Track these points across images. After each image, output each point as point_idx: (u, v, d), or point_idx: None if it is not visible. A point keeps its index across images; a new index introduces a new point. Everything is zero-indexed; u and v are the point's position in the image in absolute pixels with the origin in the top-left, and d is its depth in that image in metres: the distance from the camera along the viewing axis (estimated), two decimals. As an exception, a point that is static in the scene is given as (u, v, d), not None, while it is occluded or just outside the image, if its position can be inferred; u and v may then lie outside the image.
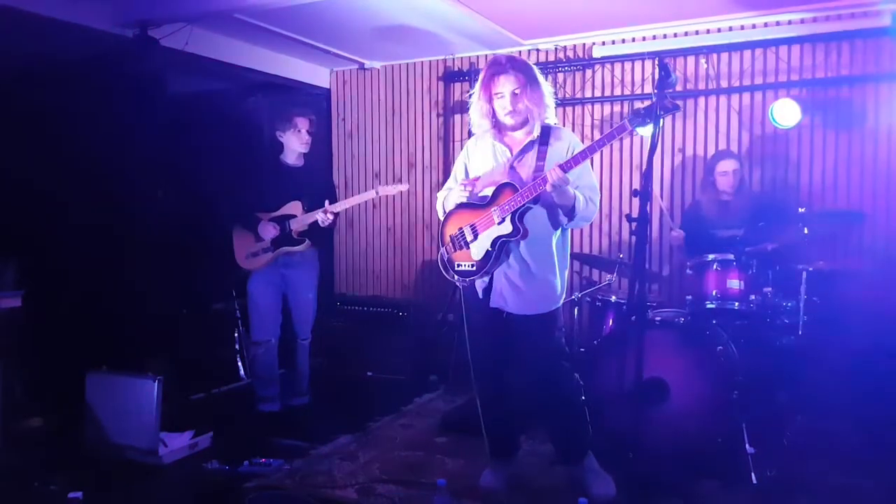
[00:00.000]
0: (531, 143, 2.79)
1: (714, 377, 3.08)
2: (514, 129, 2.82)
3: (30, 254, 3.50)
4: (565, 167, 2.57)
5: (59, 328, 3.60)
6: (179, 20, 4.10)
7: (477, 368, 2.91)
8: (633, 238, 2.15)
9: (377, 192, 3.86)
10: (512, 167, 2.80)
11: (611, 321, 3.75)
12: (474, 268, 2.80)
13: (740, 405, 3.09)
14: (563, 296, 2.88)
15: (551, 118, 2.86)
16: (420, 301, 5.18)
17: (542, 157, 2.75)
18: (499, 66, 2.75)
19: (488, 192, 2.80)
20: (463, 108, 5.24)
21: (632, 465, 2.73)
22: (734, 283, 3.39)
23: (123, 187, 4.00)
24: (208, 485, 3.00)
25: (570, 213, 2.71)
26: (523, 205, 2.67)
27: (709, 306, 3.42)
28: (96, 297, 3.81)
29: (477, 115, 2.85)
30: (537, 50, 4.91)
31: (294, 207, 3.88)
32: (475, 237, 2.80)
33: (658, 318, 3.32)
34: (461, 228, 2.84)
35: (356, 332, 4.95)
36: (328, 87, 5.77)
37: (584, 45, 4.82)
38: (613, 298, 3.79)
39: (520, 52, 4.99)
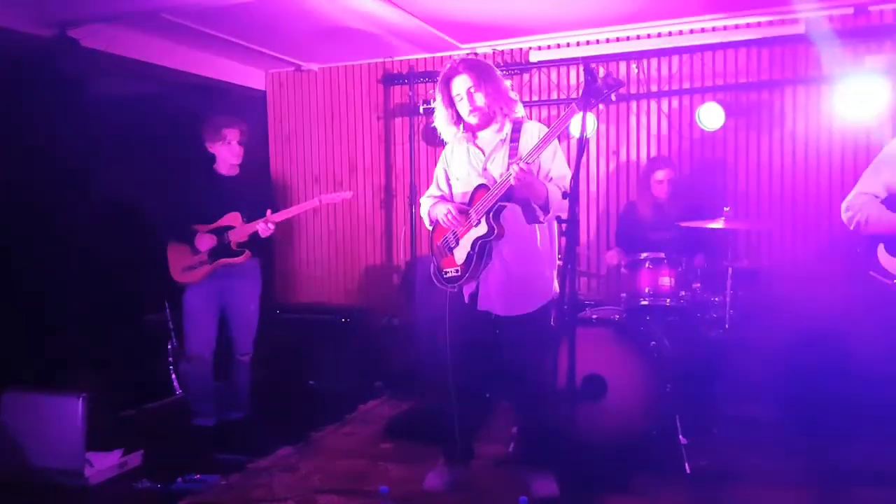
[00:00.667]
0: (501, 141, 2.83)
1: (648, 371, 3.16)
2: (481, 127, 2.84)
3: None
4: (523, 161, 2.57)
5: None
6: (101, 20, 3.93)
7: (457, 373, 2.86)
8: (563, 239, 2.19)
9: (319, 201, 3.80)
10: (485, 168, 2.83)
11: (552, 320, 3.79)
12: (459, 272, 2.81)
13: (673, 398, 3.19)
14: (554, 292, 2.87)
15: (519, 112, 2.86)
16: (364, 306, 5.13)
17: (513, 153, 2.77)
18: (451, 70, 2.82)
19: (467, 197, 2.83)
20: (403, 111, 5.24)
21: (569, 461, 2.77)
22: (665, 281, 3.50)
23: (45, 194, 3.81)
24: (139, 504, 2.89)
25: (545, 206, 2.70)
26: (495, 203, 2.69)
27: (642, 303, 3.52)
28: (13, 308, 3.63)
29: (443, 122, 2.90)
30: (475, 54, 4.94)
31: (232, 219, 3.79)
32: (457, 242, 2.83)
33: (595, 316, 3.39)
34: (445, 236, 2.88)
35: (297, 341, 4.84)
36: (263, 89, 5.66)
37: (520, 49, 4.88)
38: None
39: (458, 55, 5.02)
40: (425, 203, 3.04)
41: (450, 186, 2.98)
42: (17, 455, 3.13)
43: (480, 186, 2.78)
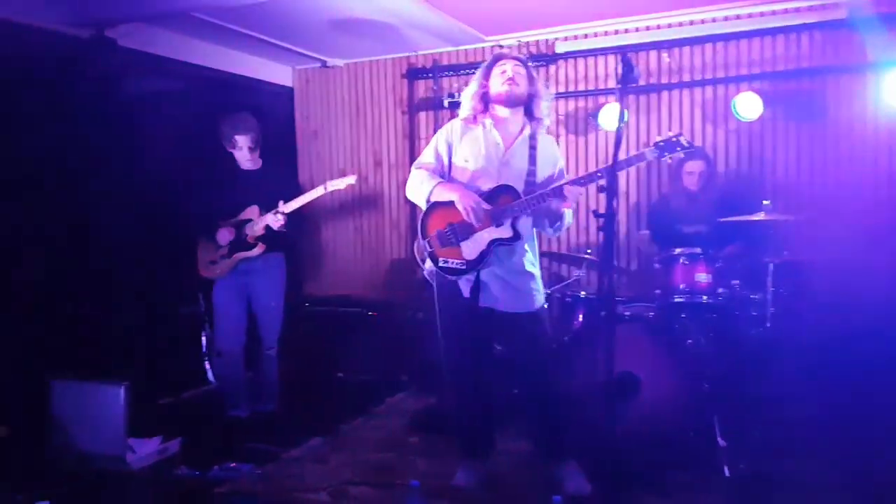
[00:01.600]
0: (523, 140, 2.83)
1: (684, 370, 3.10)
2: (503, 103, 2.82)
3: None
4: (581, 182, 2.66)
5: (23, 335, 3.51)
6: (137, 19, 3.99)
7: (454, 366, 2.88)
8: (601, 234, 2.15)
9: (325, 188, 3.79)
10: (505, 162, 2.82)
11: (580, 317, 3.76)
12: (464, 266, 2.78)
13: (711, 398, 3.12)
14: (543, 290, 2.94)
15: (545, 120, 2.90)
16: (389, 300, 5.13)
17: (532, 161, 2.80)
18: (502, 55, 2.88)
19: (483, 186, 2.79)
20: (428, 105, 5.21)
21: (604, 460, 2.74)
22: (702, 277, 3.42)
23: (85, 191, 3.90)
24: (178, 490, 2.95)
25: (557, 222, 2.81)
26: (526, 210, 2.73)
27: (677, 300, 3.44)
28: (60, 302, 3.72)
29: (469, 95, 2.91)
30: (500, 46, 4.90)
31: (252, 212, 3.82)
32: (468, 236, 2.77)
33: (627, 313, 3.34)
34: (451, 224, 2.79)
35: (325, 334, 4.87)
36: (291, 85, 5.68)
37: (546, 40, 4.82)
38: (583, 294, 3.80)
39: (483, 48, 4.99)
40: (422, 176, 2.86)
41: (450, 162, 2.89)
42: (65, 438, 3.22)
43: (508, 189, 2.74)
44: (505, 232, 2.73)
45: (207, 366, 4.56)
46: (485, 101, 2.88)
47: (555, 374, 2.90)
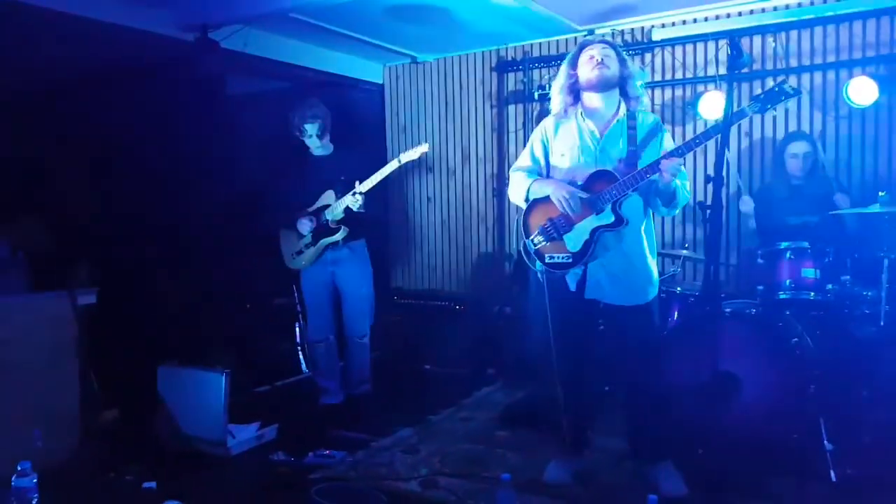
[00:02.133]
0: (619, 122, 2.73)
1: (789, 371, 2.95)
2: (595, 88, 2.73)
3: (102, 253, 3.62)
4: (678, 153, 2.52)
5: (132, 323, 3.72)
6: (238, 22, 4.17)
7: (561, 361, 2.81)
8: (707, 226, 2.07)
9: (399, 161, 3.69)
10: (603, 149, 2.74)
11: (676, 313, 3.63)
12: (570, 259, 2.72)
13: (817, 400, 2.96)
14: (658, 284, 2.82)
15: (642, 97, 2.79)
16: (476, 294, 5.15)
17: (632, 141, 2.69)
18: (588, 42, 2.79)
19: (579, 178, 2.73)
20: (517, 98, 5.18)
21: (702, 461, 2.65)
22: (809, 272, 3.24)
23: (189, 188, 4.09)
24: (275, 475, 3.05)
25: (671, 200, 2.66)
26: (626, 193, 2.61)
27: (782, 296, 3.27)
28: (165, 293, 3.91)
29: (558, 88, 2.83)
30: (592, 34, 4.79)
31: (328, 197, 3.81)
32: (569, 228, 2.73)
33: (728, 310, 3.19)
34: (552, 219, 2.76)
35: (413, 326, 4.96)
36: (381, 82, 5.79)
37: (642, 28, 4.68)
38: (678, 290, 3.67)
39: (576, 38, 4.90)
40: (519, 178, 2.89)
41: (547, 161, 2.86)
42: (171, 423, 3.40)
43: (605, 174, 2.66)
44: (606, 218, 2.65)
45: (301, 355, 4.73)
46: (574, 91, 2.80)
47: (656, 372, 2.79)
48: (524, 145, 5.08)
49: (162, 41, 4.07)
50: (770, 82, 4.31)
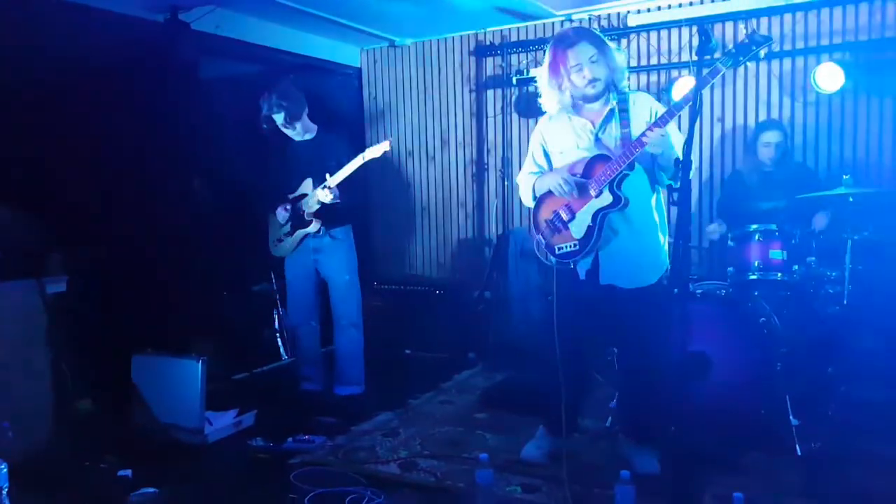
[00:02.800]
0: (611, 111, 2.73)
1: (757, 349, 3.03)
2: (593, 99, 2.72)
3: (73, 242, 3.57)
4: (661, 122, 2.51)
5: (104, 312, 3.68)
6: (209, 3, 4.10)
7: (566, 348, 2.77)
8: (674, 209, 2.11)
9: (364, 157, 3.61)
10: (598, 139, 2.74)
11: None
12: (577, 247, 2.73)
13: (784, 377, 3.05)
14: (668, 262, 2.81)
15: (624, 81, 2.77)
16: (456, 279, 5.19)
17: (625, 123, 2.68)
18: (568, 40, 2.67)
19: (578, 169, 2.73)
20: (496, 82, 5.19)
21: (674, 438, 2.70)
22: (777, 254, 3.32)
23: (161, 173, 4.04)
24: (254, 462, 3.06)
25: (676, 175, 2.60)
26: (619, 172, 2.60)
27: (751, 277, 3.36)
28: (139, 281, 3.88)
29: (549, 92, 2.76)
30: (570, 20, 4.82)
31: (306, 186, 3.76)
32: (573, 216, 2.74)
33: (699, 291, 3.27)
34: (555, 211, 2.78)
35: (393, 311, 4.97)
36: (359, 66, 5.76)
37: (618, 13, 4.72)
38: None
39: (553, 23, 4.92)
40: (525, 181, 2.96)
41: (549, 162, 2.90)
42: (146, 412, 3.39)
43: (599, 157, 2.67)
44: (605, 199, 2.66)
45: (279, 342, 4.72)
46: (565, 91, 2.74)
47: (662, 353, 2.74)
48: (503, 130, 5.19)
49: (130, 22, 3.98)
50: (741, 68, 4.40)
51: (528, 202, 2.96)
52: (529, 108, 4.99)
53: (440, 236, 5.58)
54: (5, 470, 2.43)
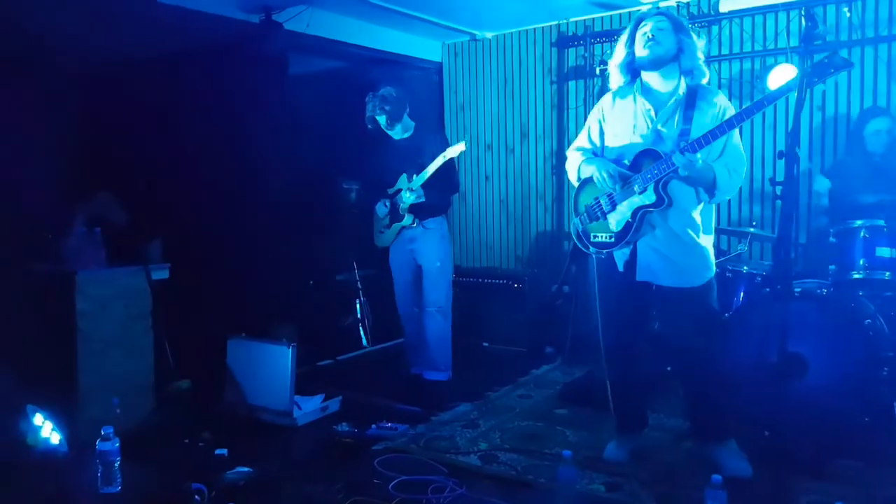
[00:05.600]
0: (676, 102, 2.64)
1: (860, 353, 2.86)
2: (649, 67, 2.63)
3: (174, 231, 3.77)
4: (691, 149, 2.43)
5: (202, 298, 3.86)
6: (301, 3, 4.24)
7: (610, 341, 2.81)
8: (779, 203, 2.02)
9: (444, 156, 3.75)
10: (657, 130, 2.66)
11: (742, 293, 3.55)
12: (612, 239, 2.70)
13: (890, 383, 2.86)
14: (715, 265, 2.74)
15: (702, 79, 2.68)
16: (534, 273, 5.15)
17: (687, 120, 2.59)
18: (643, 16, 2.68)
19: (627, 158, 2.68)
20: (578, 73, 5.11)
21: (769, 443, 2.60)
22: (885, 252, 3.12)
23: (255, 167, 4.21)
24: (339, 446, 3.14)
25: (711, 189, 2.58)
26: (667, 172, 2.53)
27: (855, 276, 3.16)
28: (233, 270, 4.07)
29: (616, 64, 2.74)
30: (657, 8, 4.66)
31: (402, 181, 3.91)
32: (613, 207, 2.70)
33: (798, 290, 3.10)
34: (597, 198, 2.75)
35: (472, 304, 4.99)
36: (440, 60, 5.79)
37: (708, 0, 4.53)
38: (745, 269, 3.58)
39: (639, 11, 4.78)
40: (573, 157, 2.89)
41: (602, 141, 2.82)
42: (239, 394, 3.54)
43: (650, 152, 2.59)
44: (648, 198, 2.60)
45: (361, 331, 4.84)
46: (632, 69, 2.72)
47: (715, 353, 2.75)
48: (584, 122, 5.05)
49: (227, 23, 4.17)
50: (844, 53, 4.14)
51: (573, 178, 2.92)
52: (613, 98, 4.87)
53: (518, 229, 5.55)
54: (118, 444, 2.62)
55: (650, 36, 2.60)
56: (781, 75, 4.09)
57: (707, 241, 2.72)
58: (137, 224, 3.55)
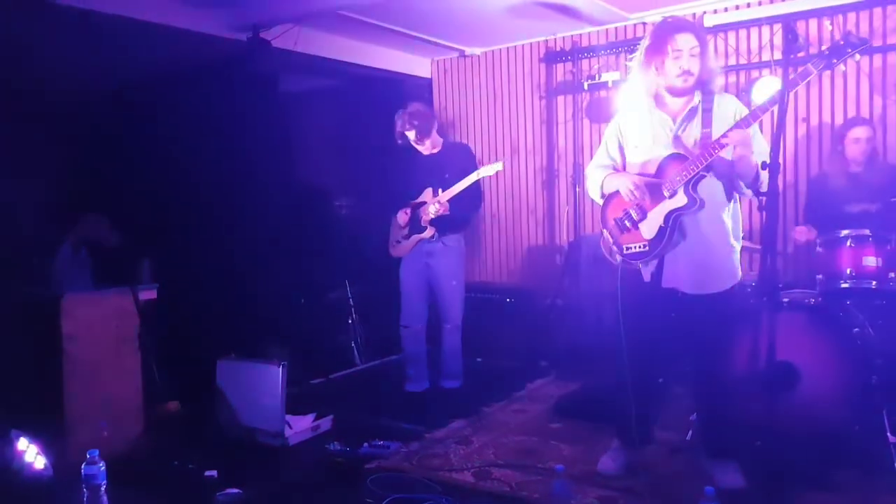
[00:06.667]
0: (693, 109, 2.63)
1: (850, 361, 2.87)
2: (680, 94, 2.62)
3: (162, 251, 3.76)
4: (744, 124, 2.41)
5: (191, 318, 3.85)
6: (289, 21, 4.27)
7: (633, 354, 2.71)
8: (763, 214, 2.03)
9: (479, 174, 3.83)
10: (676, 136, 2.65)
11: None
12: (647, 248, 2.67)
13: (880, 391, 2.87)
14: (740, 271, 2.72)
15: (718, 80, 2.67)
16: (527, 287, 5.15)
17: (707, 123, 2.58)
18: (677, 25, 2.58)
19: (650, 168, 2.67)
20: (566, 88, 5.15)
21: (760, 453, 2.59)
22: (871, 261, 3.13)
23: (244, 185, 4.22)
24: (331, 465, 3.11)
25: (755, 181, 2.53)
26: (697, 173, 2.52)
27: (843, 286, 3.18)
28: (223, 288, 4.05)
29: (641, 76, 2.66)
30: (644, 24, 4.73)
31: (427, 195, 3.96)
32: (643, 216, 2.67)
33: (786, 300, 3.12)
34: (626, 209, 2.72)
35: (464, 319, 4.95)
36: (429, 76, 5.83)
37: (693, 14, 4.59)
38: (734, 280, 3.59)
39: (625, 26, 4.84)
40: (595, 174, 2.88)
41: (623, 156, 2.83)
42: (230, 415, 3.51)
43: (675, 156, 2.59)
44: (679, 200, 2.58)
45: (354, 348, 4.82)
46: (655, 82, 2.64)
47: (730, 364, 2.71)
48: (574, 136, 5.14)
49: (214, 42, 4.18)
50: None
51: (595, 196, 2.90)
52: (600, 113, 4.92)
53: (510, 244, 5.57)
54: (104, 468, 2.58)
55: (686, 68, 2.55)
56: (766, 87, 4.15)
57: (736, 245, 2.70)
58: (124, 244, 3.54)
